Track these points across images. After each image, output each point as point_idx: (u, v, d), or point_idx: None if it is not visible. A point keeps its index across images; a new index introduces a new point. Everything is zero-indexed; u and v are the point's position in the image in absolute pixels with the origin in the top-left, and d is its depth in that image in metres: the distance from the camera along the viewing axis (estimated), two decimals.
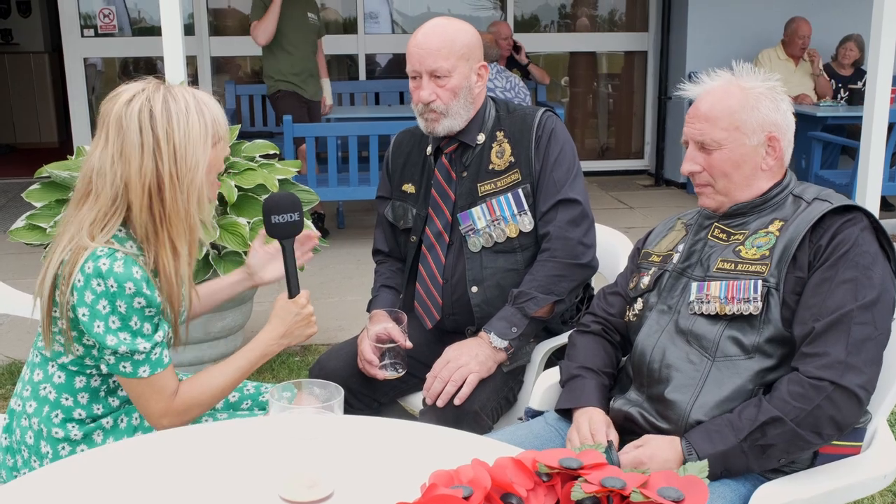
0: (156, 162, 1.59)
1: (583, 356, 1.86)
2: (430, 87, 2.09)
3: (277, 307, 1.79)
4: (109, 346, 1.58)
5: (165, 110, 1.59)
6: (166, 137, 1.59)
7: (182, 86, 1.66)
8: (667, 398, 1.65)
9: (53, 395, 1.71)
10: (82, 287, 1.56)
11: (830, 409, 1.52)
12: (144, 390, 1.64)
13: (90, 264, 1.56)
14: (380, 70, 7.67)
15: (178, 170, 1.60)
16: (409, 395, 2.24)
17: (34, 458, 1.71)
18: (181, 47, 3.68)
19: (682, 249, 1.79)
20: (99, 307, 1.57)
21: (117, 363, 1.62)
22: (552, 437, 1.77)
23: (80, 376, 1.71)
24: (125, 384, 1.67)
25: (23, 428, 1.73)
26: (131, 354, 1.61)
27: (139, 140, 1.58)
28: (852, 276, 1.57)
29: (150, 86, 1.63)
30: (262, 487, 1.28)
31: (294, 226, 1.78)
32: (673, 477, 1.14)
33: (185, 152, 1.60)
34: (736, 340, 1.63)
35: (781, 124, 1.71)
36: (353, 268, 4.92)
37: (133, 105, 1.59)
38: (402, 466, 1.36)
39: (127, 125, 1.58)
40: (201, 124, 1.62)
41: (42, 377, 1.72)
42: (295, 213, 1.78)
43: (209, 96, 1.69)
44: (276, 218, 1.76)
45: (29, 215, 3.11)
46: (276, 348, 1.78)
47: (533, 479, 1.15)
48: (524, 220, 2.14)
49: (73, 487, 1.34)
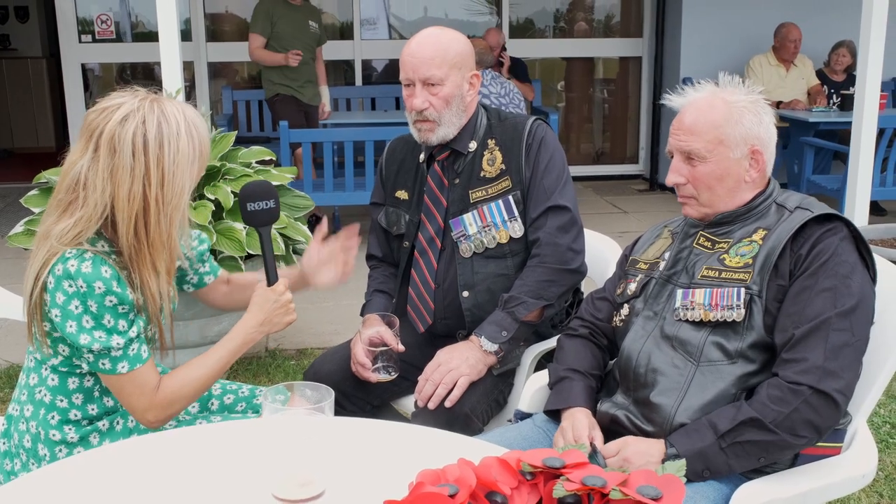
0: (144, 187, 1.61)
1: (571, 359, 1.90)
2: (424, 94, 2.13)
3: (255, 295, 1.81)
4: (83, 345, 1.61)
5: (158, 135, 1.60)
6: (157, 163, 1.60)
7: (174, 102, 1.68)
8: (652, 401, 1.69)
9: (48, 398, 1.74)
10: (53, 289, 1.60)
11: (808, 412, 1.56)
12: (125, 386, 1.67)
13: (60, 266, 1.60)
14: (376, 76, 7.71)
15: (165, 194, 1.62)
16: (401, 397, 2.28)
17: (32, 461, 1.74)
18: (178, 53, 3.72)
19: (668, 257, 1.83)
20: (71, 308, 1.60)
21: (96, 361, 1.65)
22: (540, 439, 1.81)
23: (72, 377, 1.74)
24: (107, 381, 1.69)
25: (20, 432, 1.76)
26: (108, 351, 1.63)
27: (131, 164, 1.60)
28: (831, 285, 1.61)
29: (146, 104, 1.63)
30: (256, 486, 1.32)
31: (269, 213, 1.81)
32: (651, 476, 1.17)
33: (174, 178, 1.62)
34: (719, 346, 1.67)
35: (764, 137, 1.75)
36: None
37: (127, 127, 1.60)
38: (392, 466, 1.40)
39: (121, 148, 1.60)
40: (190, 148, 1.64)
41: (37, 381, 1.76)
42: (270, 200, 1.81)
43: (198, 116, 1.70)
44: (251, 205, 1.79)
45: (28, 221, 3.15)
46: (256, 335, 1.79)
47: (517, 478, 1.19)
48: (514, 226, 2.18)
49: (69, 489, 1.38)
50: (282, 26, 5.70)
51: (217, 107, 7.22)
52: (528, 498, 1.17)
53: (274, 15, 5.72)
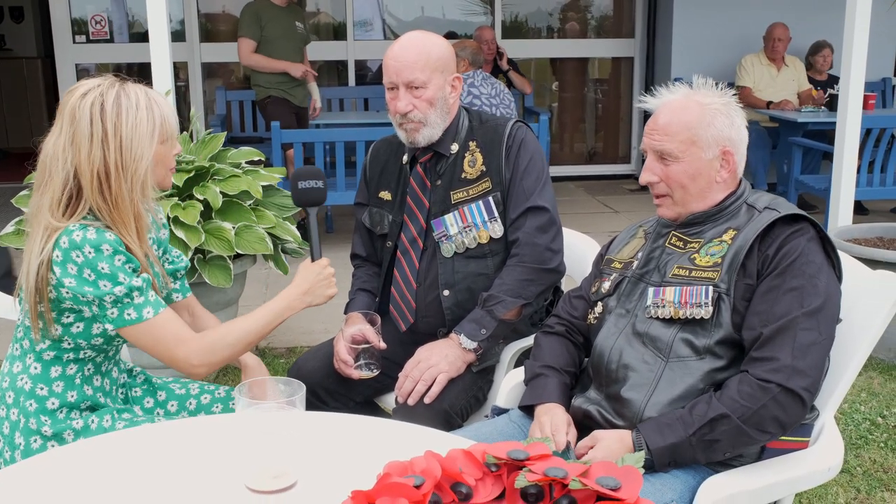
0: (103, 151, 1.70)
1: (546, 356, 1.94)
2: (407, 97, 2.17)
3: (301, 268, 1.95)
4: (106, 293, 1.66)
5: (116, 105, 1.71)
6: (114, 129, 1.70)
7: (136, 84, 1.77)
8: (623, 397, 1.74)
9: (29, 386, 1.79)
10: (62, 261, 1.66)
11: (775, 409, 1.60)
12: (157, 334, 1.72)
13: (65, 239, 1.66)
14: (370, 76, 7.75)
15: (124, 160, 1.71)
16: (383, 394, 2.32)
17: (6, 448, 1.78)
18: (168, 53, 3.76)
19: (640, 256, 1.87)
20: (85, 276, 1.66)
21: (121, 313, 1.69)
22: (515, 434, 1.86)
23: (55, 366, 1.79)
24: (138, 337, 1.72)
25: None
26: (130, 297, 1.69)
27: (89, 130, 1.70)
28: (798, 285, 1.65)
29: (106, 82, 1.74)
30: (230, 479, 1.36)
31: (318, 192, 2.03)
32: (612, 467, 1.21)
33: (132, 144, 1.71)
34: (688, 342, 1.71)
35: (735, 139, 1.79)
36: (339, 272, 4.96)
37: (87, 98, 1.71)
38: (363, 459, 1.44)
39: (80, 116, 1.70)
40: (149, 120, 1.73)
41: (20, 368, 1.81)
42: (319, 182, 2.03)
43: (162, 97, 1.80)
44: (302, 184, 2.00)
45: (18, 220, 3.18)
46: (298, 304, 1.91)
47: (482, 470, 1.23)
48: (495, 226, 2.22)
49: (42, 485, 1.41)
50: (270, 29, 5.67)
51: (210, 107, 7.25)
52: (492, 489, 1.21)
53: (262, 18, 5.66)
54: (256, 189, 3.26)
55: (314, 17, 7.60)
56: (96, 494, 1.38)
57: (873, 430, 3.12)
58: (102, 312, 1.70)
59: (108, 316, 1.70)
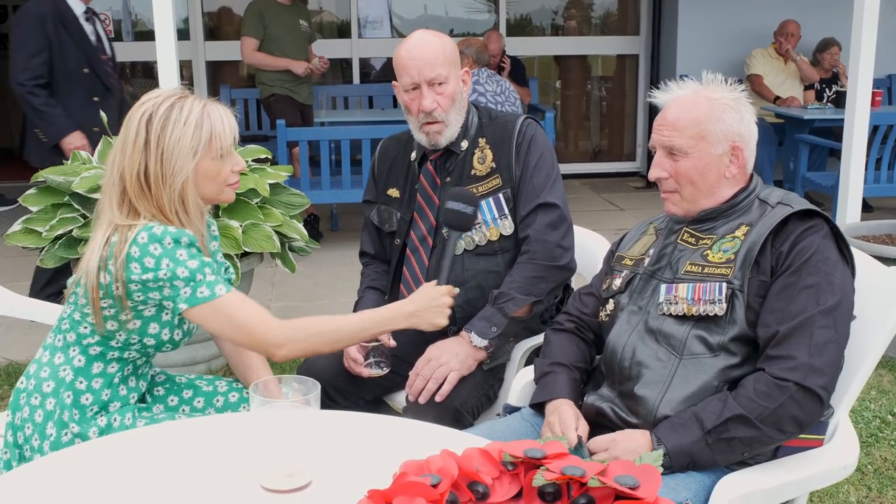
0: (147, 159, 1.74)
1: (556, 353, 1.93)
2: (431, 95, 2.16)
3: (421, 288, 1.92)
4: (179, 269, 1.68)
5: (164, 117, 1.75)
6: (157, 140, 1.74)
7: (201, 100, 1.79)
8: (636, 394, 1.72)
9: (70, 377, 1.82)
10: (140, 256, 1.69)
11: (793, 408, 1.59)
12: (233, 312, 1.73)
13: (143, 234, 1.70)
14: (375, 73, 7.74)
15: (163, 171, 1.74)
16: (393, 392, 2.31)
17: (36, 436, 1.79)
18: (174, 52, 3.75)
19: (652, 253, 1.86)
20: (163, 265, 1.68)
21: (194, 292, 1.71)
22: (527, 432, 1.85)
23: (98, 361, 1.82)
24: (214, 318, 1.73)
25: (32, 406, 1.81)
26: (202, 270, 1.71)
27: (133, 138, 1.75)
28: (814, 282, 1.64)
29: (167, 94, 1.79)
30: (244, 477, 1.36)
31: (462, 217, 1.97)
32: (630, 466, 1.20)
33: (171, 157, 1.74)
34: (702, 339, 1.70)
35: (745, 135, 1.78)
36: (345, 269, 4.99)
37: (143, 107, 1.77)
38: (378, 458, 1.43)
39: (129, 124, 1.77)
40: (194, 136, 1.75)
41: (63, 359, 1.83)
42: (469, 207, 1.97)
43: (225, 113, 1.81)
44: (451, 203, 1.95)
45: (25, 219, 3.18)
46: (402, 322, 1.87)
47: (498, 468, 1.22)
48: (505, 223, 2.21)
49: (59, 482, 1.41)
50: (274, 28, 5.65)
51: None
52: (509, 488, 1.20)
53: (266, 17, 5.64)
54: (263, 187, 3.25)
55: (318, 15, 7.59)
56: (110, 492, 1.37)
57: (883, 427, 3.10)
58: (175, 293, 1.71)
59: (180, 296, 1.71)
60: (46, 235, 3.10)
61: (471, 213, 2.00)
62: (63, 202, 3.17)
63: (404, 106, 2.22)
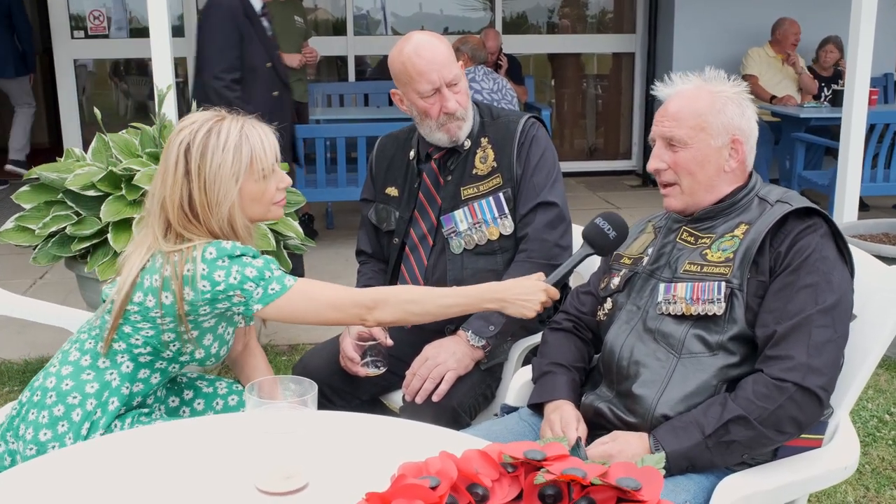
0: (190, 189, 1.73)
1: (554, 352, 1.92)
2: (452, 96, 2.15)
3: (525, 278, 1.89)
4: (247, 270, 1.69)
5: (202, 145, 1.73)
6: (197, 170, 1.73)
7: (238, 120, 1.78)
8: (634, 393, 1.71)
9: (116, 383, 1.80)
10: (209, 272, 1.68)
11: (792, 409, 1.58)
12: (317, 294, 1.74)
13: (211, 249, 1.70)
14: (370, 71, 7.71)
15: (208, 199, 1.74)
16: (390, 392, 2.30)
17: (70, 434, 1.77)
18: (169, 49, 3.72)
19: (651, 252, 1.85)
20: (233, 272, 1.69)
21: (265, 290, 1.70)
22: (525, 432, 1.83)
23: (143, 368, 1.82)
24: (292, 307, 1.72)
25: (56, 398, 1.79)
26: (269, 267, 1.72)
27: (174, 168, 1.75)
28: (813, 282, 1.63)
29: (204, 119, 1.77)
30: (240, 480, 1.34)
31: (604, 237, 1.85)
32: (631, 468, 1.19)
33: (214, 186, 1.74)
34: (701, 339, 1.69)
35: (745, 129, 1.77)
36: (341, 268, 4.97)
37: (180, 135, 1.76)
38: (376, 459, 1.41)
39: (168, 154, 1.76)
40: (234, 161, 1.74)
41: (108, 364, 1.81)
42: (613, 231, 1.85)
43: (264, 131, 1.80)
44: (600, 221, 1.86)
45: (18, 217, 3.15)
46: (490, 303, 1.84)
47: (498, 470, 1.20)
48: (505, 223, 2.20)
49: (52, 482, 1.39)
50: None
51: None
52: (509, 490, 1.19)
53: None
54: None
55: (314, 13, 7.56)
56: (105, 494, 1.35)
57: (881, 427, 3.09)
58: (247, 297, 1.71)
59: (253, 298, 1.71)
60: (39, 233, 3.07)
61: (612, 237, 1.85)
62: (56, 199, 3.14)
63: (420, 111, 2.17)
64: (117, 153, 3.21)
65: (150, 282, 1.72)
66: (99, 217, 3.00)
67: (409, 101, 2.19)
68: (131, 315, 1.76)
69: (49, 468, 1.44)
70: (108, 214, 2.97)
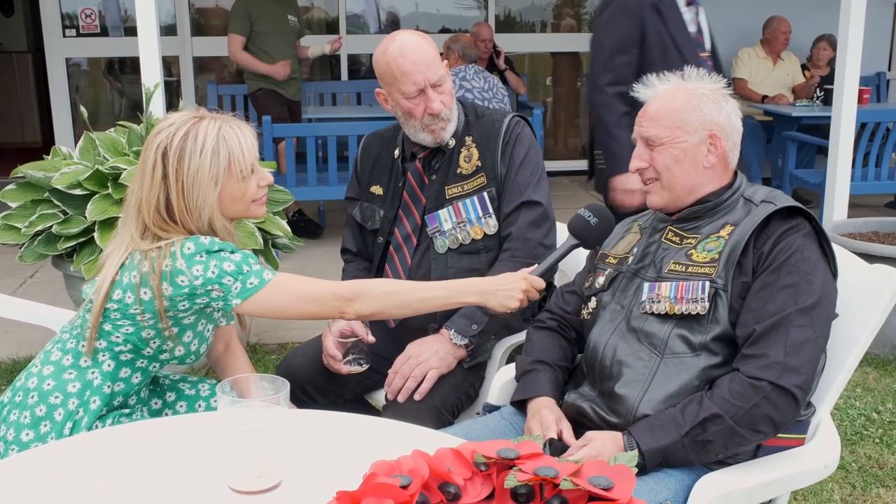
0: (168, 193, 1.72)
1: (537, 351, 1.91)
2: (437, 97, 2.14)
3: (509, 273, 1.88)
4: (224, 265, 1.68)
5: (179, 149, 1.71)
6: (175, 175, 1.72)
7: (216, 120, 1.75)
8: (616, 393, 1.71)
9: (98, 382, 1.80)
10: (187, 266, 1.67)
11: (768, 407, 1.57)
12: (295, 288, 1.73)
13: (189, 245, 1.68)
14: (363, 70, 7.70)
15: (187, 204, 1.73)
16: (373, 390, 2.29)
17: (53, 434, 1.76)
18: (157, 47, 3.72)
19: (636, 252, 1.84)
20: (211, 266, 1.68)
21: (244, 284, 1.69)
22: (507, 431, 1.83)
23: (125, 367, 1.81)
24: (272, 302, 1.71)
25: (39, 397, 1.78)
26: (247, 261, 1.71)
27: (151, 171, 1.73)
28: (793, 282, 1.62)
29: (182, 121, 1.74)
30: (212, 479, 1.33)
31: (587, 225, 1.86)
32: (604, 466, 1.18)
33: (193, 190, 1.72)
34: (684, 339, 1.68)
35: (724, 125, 1.77)
36: (331, 266, 4.96)
37: (157, 138, 1.73)
38: (349, 458, 1.40)
39: (146, 157, 1.74)
40: (212, 165, 1.72)
41: (89, 363, 1.80)
42: (594, 218, 1.86)
43: (241, 130, 1.78)
44: (582, 210, 1.87)
45: (4, 215, 3.14)
46: (472, 296, 1.82)
47: (470, 469, 1.19)
48: (489, 222, 2.19)
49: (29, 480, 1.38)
50: (261, 24, 5.60)
51: (202, 102, 7.19)
52: (481, 489, 1.18)
53: (252, 13, 5.59)
54: None
55: (308, 12, 7.55)
56: (75, 494, 1.34)
57: (868, 425, 3.09)
58: (226, 292, 1.70)
59: (231, 292, 1.70)
60: (25, 232, 3.06)
61: (594, 224, 1.86)
62: (43, 198, 3.13)
63: (405, 112, 2.16)
64: (104, 152, 3.20)
65: (128, 279, 1.71)
66: (85, 216, 2.99)
67: (394, 102, 2.18)
68: (111, 313, 1.75)
69: (22, 466, 1.43)
70: (94, 213, 2.96)
